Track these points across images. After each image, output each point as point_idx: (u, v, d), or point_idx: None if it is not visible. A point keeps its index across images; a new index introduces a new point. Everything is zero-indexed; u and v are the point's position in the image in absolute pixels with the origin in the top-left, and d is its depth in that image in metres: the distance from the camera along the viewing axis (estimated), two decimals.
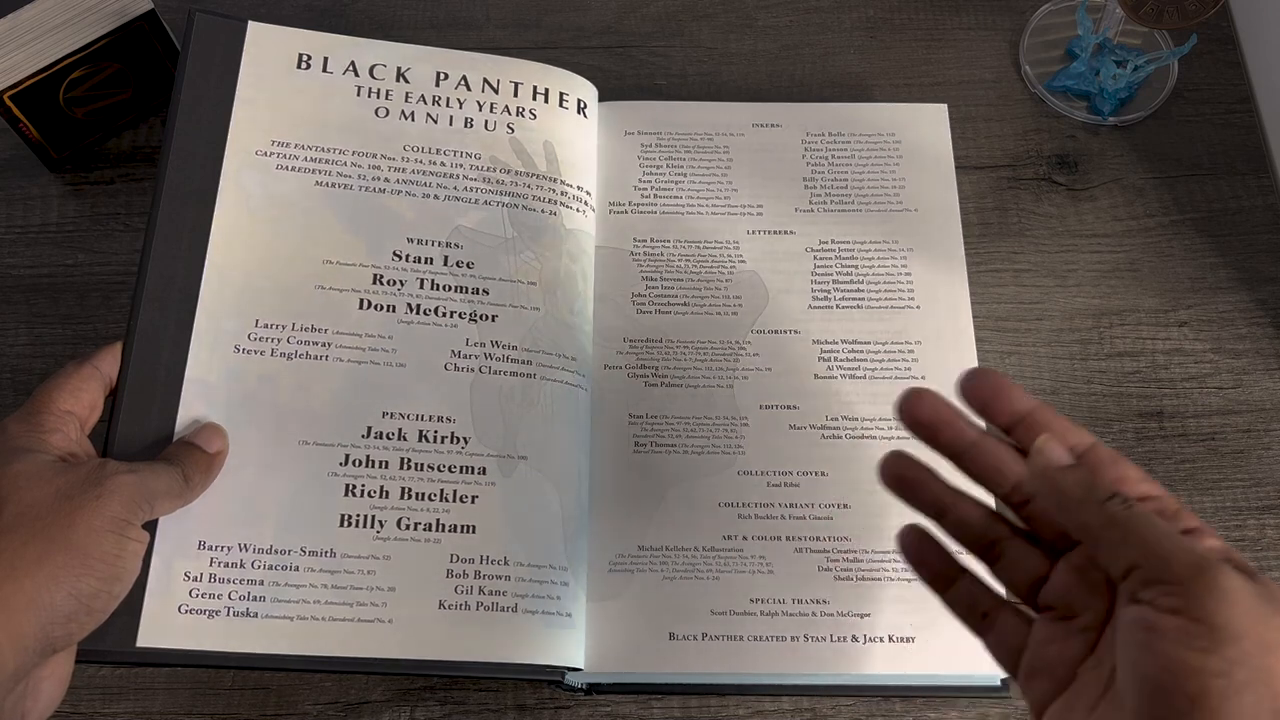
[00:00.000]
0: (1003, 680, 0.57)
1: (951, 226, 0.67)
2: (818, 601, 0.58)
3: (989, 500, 0.46)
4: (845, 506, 0.60)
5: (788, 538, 0.60)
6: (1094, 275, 0.69)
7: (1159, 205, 0.71)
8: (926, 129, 0.70)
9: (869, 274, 0.66)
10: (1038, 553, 0.44)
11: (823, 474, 0.61)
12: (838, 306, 0.65)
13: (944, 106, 0.71)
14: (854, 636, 0.57)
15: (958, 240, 0.67)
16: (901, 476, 0.46)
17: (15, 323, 0.67)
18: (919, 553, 0.46)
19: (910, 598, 0.58)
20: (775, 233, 0.67)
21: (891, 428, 0.62)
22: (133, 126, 0.72)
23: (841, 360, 0.64)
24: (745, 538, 0.60)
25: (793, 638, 0.58)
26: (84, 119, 0.69)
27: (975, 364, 0.64)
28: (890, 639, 0.58)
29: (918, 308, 0.65)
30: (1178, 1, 0.66)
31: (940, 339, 0.64)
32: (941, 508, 0.45)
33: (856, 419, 0.62)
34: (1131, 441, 0.65)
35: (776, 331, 0.65)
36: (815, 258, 0.67)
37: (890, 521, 0.60)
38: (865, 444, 0.62)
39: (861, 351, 0.64)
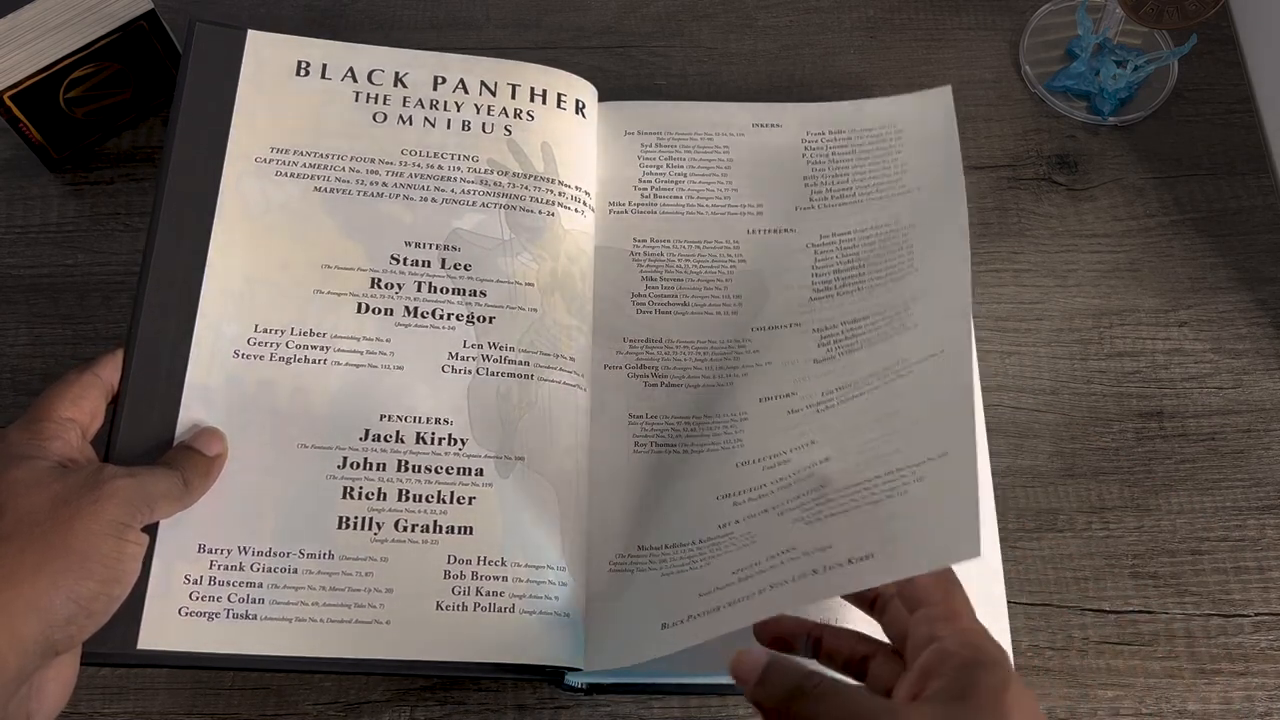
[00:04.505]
0: None
1: (956, 202, 0.62)
2: (785, 552, 0.54)
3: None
4: (826, 460, 0.57)
5: (773, 508, 0.57)
6: (1094, 275, 0.69)
7: (1159, 205, 0.71)
8: (931, 112, 0.68)
9: (870, 254, 0.65)
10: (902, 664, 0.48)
11: (812, 442, 0.59)
12: (838, 293, 0.64)
13: (948, 89, 0.68)
14: (814, 570, 0.52)
15: (962, 213, 0.61)
16: (777, 637, 0.52)
17: (15, 323, 0.67)
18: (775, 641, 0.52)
19: (874, 520, 0.53)
20: (776, 231, 0.67)
21: (881, 379, 0.58)
22: (133, 126, 0.73)
23: (840, 339, 0.62)
24: (736, 521, 0.57)
25: (759, 591, 0.53)
26: (84, 119, 0.70)
27: (971, 348, 0.60)
28: (850, 561, 0.52)
29: (918, 271, 0.62)
30: (1178, 1, 0.66)
31: (940, 297, 0.60)
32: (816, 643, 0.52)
33: (850, 384, 0.60)
34: (1131, 441, 0.65)
35: (776, 327, 0.64)
36: (816, 252, 0.66)
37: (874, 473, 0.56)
38: (855, 404, 0.59)
39: (860, 325, 0.62)
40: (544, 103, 0.66)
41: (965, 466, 0.51)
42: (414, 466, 0.57)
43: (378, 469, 0.56)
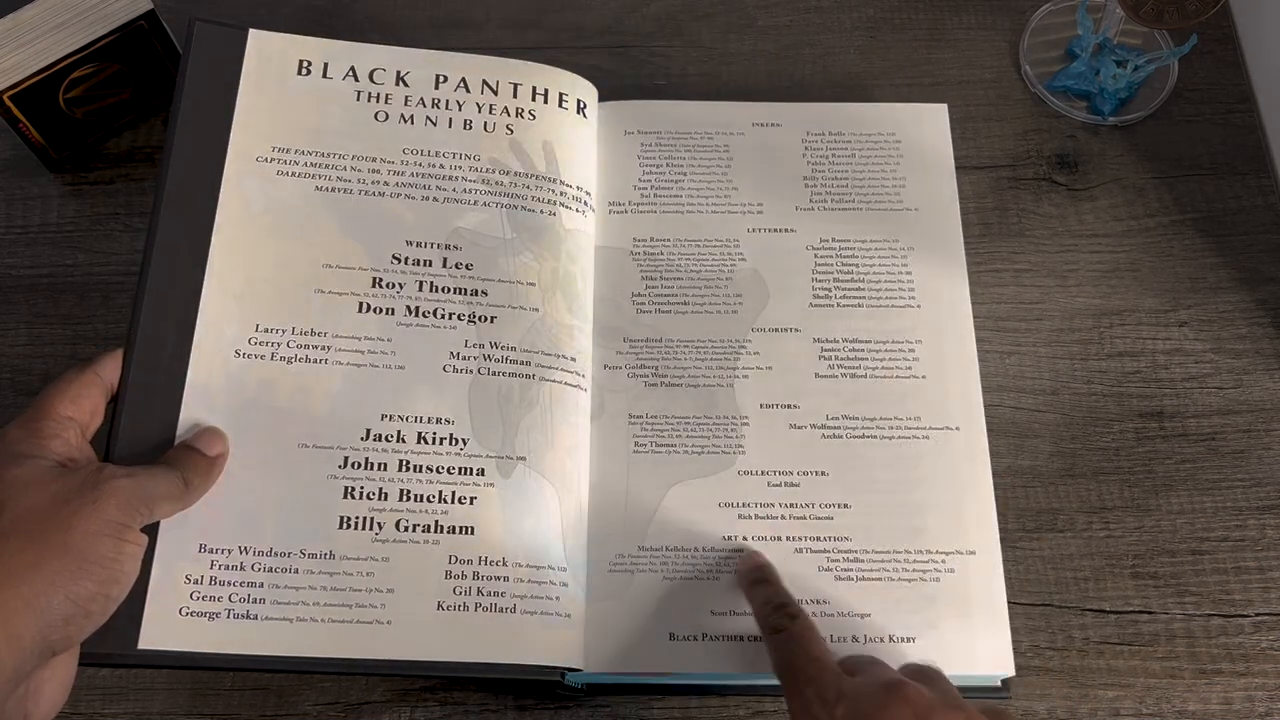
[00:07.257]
0: (1003, 680, 0.57)
1: (952, 226, 0.67)
2: (818, 602, 0.58)
3: None
4: (845, 506, 0.60)
5: (788, 538, 0.60)
6: (1094, 275, 0.69)
7: (1159, 205, 0.71)
8: (926, 129, 0.70)
9: (869, 273, 0.66)
10: None
11: (823, 473, 0.61)
12: (838, 304, 0.65)
13: (944, 106, 0.71)
14: (854, 637, 0.57)
15: (958, 240, 0.67)
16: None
17: (15, 323, 0.67)
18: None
19: (911, 598, 0.58)
20: (776, 230, 0.67)
21: (892, 427, 0.62)
22: (132, 126, 0.72)
23: (842, 358, 0.64)
24: (745, 538, 0.60)
25: None
26: (84, 119, 0.70)
27: (975, 363, 0.64)
28: (891, 639, 0.57)
29: (918, 307, 0.65)
30: (1178, 1, 0.66)
31: (941, 338, 0.64)
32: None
33: (857, 418, 0.62)
34: (1131, 441, 0.65)
35: (777, 330, 0.64)
36: (816, 255, 0.67)
37: (892, 522, 0.60)
38: (866, 443, 0.62)
39: (862, 350, 0.64)
40: (545, 102, 0.66)
41: (993, 573, 0.59)
42: (415, 466, 0.57)
43: (379, 469, 0.56)
